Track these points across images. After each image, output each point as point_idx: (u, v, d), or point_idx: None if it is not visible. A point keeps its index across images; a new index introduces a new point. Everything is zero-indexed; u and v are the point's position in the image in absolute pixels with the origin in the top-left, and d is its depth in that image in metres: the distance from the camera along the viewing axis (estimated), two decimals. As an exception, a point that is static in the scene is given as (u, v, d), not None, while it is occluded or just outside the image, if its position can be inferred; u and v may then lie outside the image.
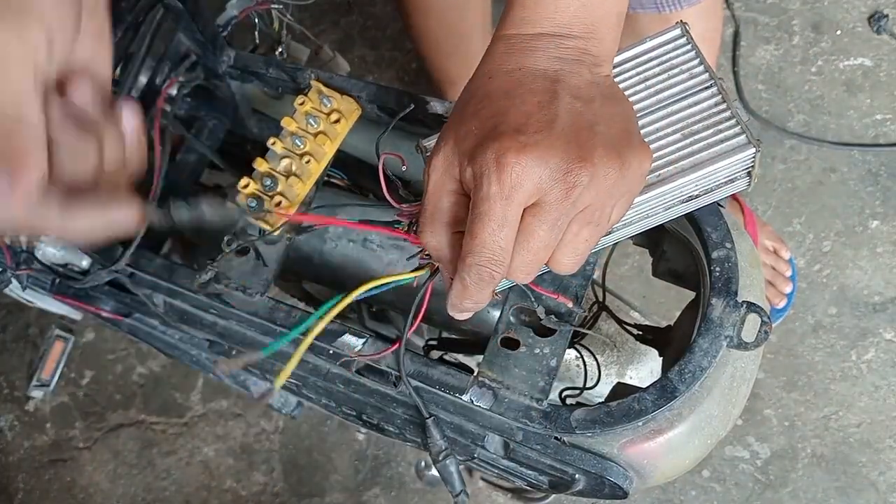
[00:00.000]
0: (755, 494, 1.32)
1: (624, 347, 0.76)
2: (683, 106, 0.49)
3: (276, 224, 0.59)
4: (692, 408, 0.55)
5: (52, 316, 1.59)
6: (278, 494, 1.48)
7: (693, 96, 0.49)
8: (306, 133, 0.60)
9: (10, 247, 0.70)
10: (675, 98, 0.49)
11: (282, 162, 0.60)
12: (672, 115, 0.49)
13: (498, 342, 0.56)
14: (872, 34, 1.50)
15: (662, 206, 0.50)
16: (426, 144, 0.51)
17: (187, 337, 0.75)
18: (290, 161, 0.60)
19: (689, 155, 0.47)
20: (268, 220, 0.60)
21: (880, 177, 1.43)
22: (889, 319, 1.35)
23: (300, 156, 0.60)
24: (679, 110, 0.49)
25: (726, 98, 0.48)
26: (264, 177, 0.60)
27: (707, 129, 0.48)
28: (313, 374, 0.65)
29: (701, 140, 0.47)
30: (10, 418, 1.62)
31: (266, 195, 0.60)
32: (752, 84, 1.52)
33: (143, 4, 0.57)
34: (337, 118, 0.62)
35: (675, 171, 0.47)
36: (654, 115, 0.49)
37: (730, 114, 0.47)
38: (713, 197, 0.50)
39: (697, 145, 0.47)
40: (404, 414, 0.62)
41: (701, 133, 0.48)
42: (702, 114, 0.48)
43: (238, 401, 1.54)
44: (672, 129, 0.48)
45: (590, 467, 0.56)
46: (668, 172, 0.47)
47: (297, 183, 0.60)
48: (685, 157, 0.47)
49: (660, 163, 0.48)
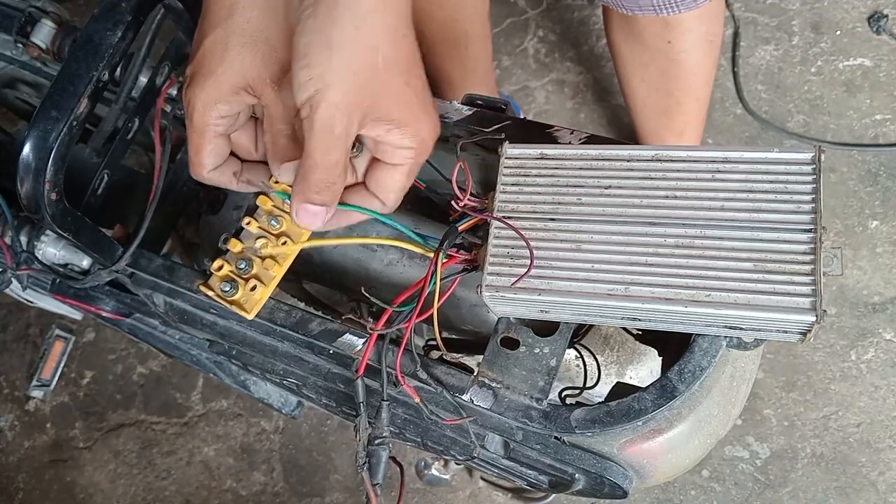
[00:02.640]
0: (755, 494, 1.32)
1: (623, 347, 0.76)
2: (772, 237, 0.46)
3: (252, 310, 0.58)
4: (692, 407, 0.55)
5: (53, 316, 1.59)
6: (278, 494, 1.49)
7: (787, 233, 0.46)
8: (283, 212, 0.58)
9: (11, 247, 0.70)
10: (767, 224, 0.46)
11: (257, 242, 0.57)
12: (755, 241, 0.46)
13: (498, 342, 0.56)
14: (872, 34, 1.50)
15: (703, 322, 0.48)
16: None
17: (187, 337, 0.75)
18: (266, 241, 0.57)
19: (750, 291, 0.45)
20: (245, 307, 0.58)
21: (880, 177, 1.43)
22: (889, 319, 1.36)
23: (276, 236, 0.57)
24: (765, 240, 0.46)
25: (817, 252, 0.44)
26: (238, 259, 0.57)
27: (780, 274, 0.45)
28: (313, 373, 0.65)
29: (769, 282, 0.45)
30: (10, 418, 1.62)
31: (241, 278, 0.57)
32: (752, 84, 1.52)
33: (143, 4, 0.57)
34: None
35: (728, 301, 0.45)
36: (737, 232, 0.46)
37: (811, 269, 0.44)
38: (759, 336, 0.48)
39: (762, 285, 0.45)
40: (404, 414, 0.62)
41: (773, 275, 0.45)
42: (785, 255, 0.45)
43: (238, 401, 1.54)
44: (747, 255, 0.46)
45: (589, 467, 0.56)
46: (720, 297, 0.45)
47: (272, 266, 0.57)
48: (745, 290, 0.45)
49: (716, 283, 0.45)
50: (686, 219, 0.48)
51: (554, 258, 0.50)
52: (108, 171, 0.66)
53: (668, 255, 0.48)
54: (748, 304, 0.45)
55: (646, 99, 1.24)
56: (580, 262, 0.50)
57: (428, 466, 1.25)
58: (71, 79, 0.55)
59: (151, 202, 0.66)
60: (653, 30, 1.06)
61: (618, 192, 0.51)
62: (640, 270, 0.48)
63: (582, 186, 0.52)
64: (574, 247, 0.50)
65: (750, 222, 0.47)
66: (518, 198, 0.53)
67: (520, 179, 0.53)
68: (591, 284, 0.49)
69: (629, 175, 0.51)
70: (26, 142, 0.55)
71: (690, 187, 0.49)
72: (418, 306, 0.53)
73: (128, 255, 0.66)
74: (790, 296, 0.44)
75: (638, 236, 0.49)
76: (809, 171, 0.47)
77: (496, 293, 0.51)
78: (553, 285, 0.50)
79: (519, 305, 0.52)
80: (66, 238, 0.61)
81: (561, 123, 0.92)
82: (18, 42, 0.70)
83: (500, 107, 0.63)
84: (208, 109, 0.51)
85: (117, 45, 0.56)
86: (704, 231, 0.48)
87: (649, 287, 0.47)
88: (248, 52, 0.50)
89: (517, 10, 1.68)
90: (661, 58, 1.11)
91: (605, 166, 0.52)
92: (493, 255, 0.52)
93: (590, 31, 1.63)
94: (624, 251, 0.49)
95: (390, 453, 0.57)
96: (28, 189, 0.56)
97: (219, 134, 0.53)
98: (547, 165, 0.53)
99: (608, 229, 0.50)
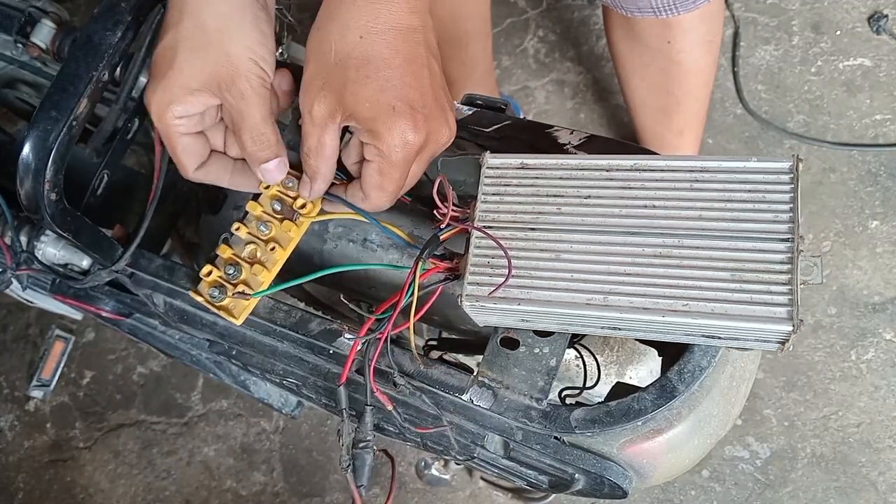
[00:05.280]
0: (755, 494, 1.32)
1: (623, 347, 0.76)
2: (749, 247, 0.45)
3: (241, 316, 0.58)
4: (692, 407, 0.55)
5: (52, 316, 1.59)
6: (278, 494, 1.49)
7: (764, 242, 0.45)
8: (272, 218, 0.58)
9: (11, 247, 0.70)
10: (745, 234, 0.46)
11: (246, 248, 0.58)
12: (732, 251, 0.46)
13: (497, 342, 0.56)
14: (872, 34, 1.50)
15: (682, 331, 0.48)
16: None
17: (187, 337, 0.75)
18: (255, 247, 0.58)
19: (727, 301, 0.45)
20: (232, 313, 0.58)
21: (880, 177, 1.43)
22: (889, 319, 1.36)
23: (265, 242, 0.58)
24: (743, 249, 0.45)
25: (794, 261, 0.44)
26: (227, 264, 0.58)
27: (757, 284, 0.44)
28: (313, 373, 0.65)
29: (746, 291, 0.44)
30: (10, 418, 1.62)
31: (229, 283, 0.58)
32: (752, 84, 1.52)
33: (143, 4, 0.57)
34: (302, 203, 0.59)
35: (705, 311, 0.45)
36: (715, 241, 0.46)
37: (788, 279, 0.44)
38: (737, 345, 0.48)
39: (739, 294, 0.44)
40: (404, 413, 0.62)
41: (750, 284, 0.44)
42: (762, 264, 0.45)
43: (238, 401, 1.55)
44: (723, 265, 0.45)
45: (589, 467, 0.56)
46: (697, 307, 0.45)
47: (261, 271, 0.57)
48: (722, 300, 0.45)
49: (694, 293, 0.45)
50: (664, 228, 0.48)
51: (533, 268, 0.50)
52: (108, 171, 0.66)
53: (646, 264, 0.48)
54: (725, 313, 0.44)
55: (645, 99, 1.24)
56: (559, 271, 0.50)
57: (428, 466, 1.25)
58: (71, 79, 0.55)
59: (151, 202, 0.66)
60: (652, 30, 1.07)
61: (597, 202, 0.51)
62: (619, 280, 0.48)
63: (562, 196, 0.52)
64: (554, 256, 0.50)
65: (728, 231, 0.46)
66: (499, 207, 0.53)
67: (500, 189, 0.53)
68: (570, 294, 0.49)
69: (609, 185, 0.51)
70: (26, 142, 0.55)
71: (669, 196, 0.49)
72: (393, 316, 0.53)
73: (128, 255, 0.66)
74: (767, 305, 0.44)
75: (617, 246, 0.49)
76: (787, 181, 0.47)
77: (476, 303, 0.51)
78: (532, 294, 0.50)
79: (499, 315, 0.52)
80: (66, 238, 0.61)
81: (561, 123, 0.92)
82: (18, 42, 0.70)
83: (500, 107, 0.63)
84: (163, 112, 0.53)
85: (117, 45, 0.56)
86: (682, 241, 0.48)
87: (628, 297, 0.47)
88: (196, 57, 0.52)
89: (517, 10, 1.68)
90: (661, 58, 1.11)
91: (585, 176, 0.52)
92: (474, 264, 0.52)
93: (590, 31, 1.63)
94: (603, 261, 0.49)
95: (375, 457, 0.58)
96: (28, 189, 0.56)
97: (183, 134, 0.55)
98: (527, 175, 0.53)
99: (588, 239, 0.50)
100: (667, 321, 0.46)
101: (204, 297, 0.59)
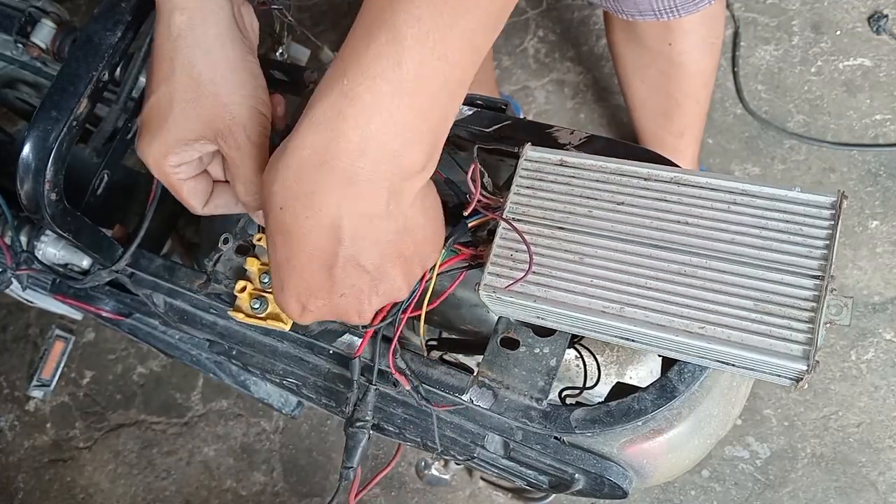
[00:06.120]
0: (755, 494, 1.32)
1: (623, 347, 0.76)
2: (776, 279, 0.44)
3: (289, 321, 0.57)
4: (692, 407, 0.55)
5: (53, 316, 1.59)
6: (278, 494, 1.49)
7: (793, 276, 0.44)
8: None
9: (11, 247, 0.70)
10: (775, 265, 0.45)
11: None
12: (758, 280, 0.45)
13: (498, 342, 0.56)
14: (872, 34, 1.50)
15: (695, 353, 0.47)
16: None
17: (187, 337, 0.75)
18: None
19: (745, 330, 0.44)
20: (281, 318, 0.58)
21: (880, 177, 1.43)
22: (889, 319, 1.36)
23: None
24: (770, 280, 0.44)
25: (821, 301, 0.43)
26: (261, 274, 0.58)
27: (779, 317, 0.43)
28: (313, 373, 0.65)
29: (766, 323, 0.43)
30: (10, 418, 1.62)
31: (268, 292, 0.58)
32: (752, 84, 1.52)
33: (143, 4, 0.57)
34: None
35: (721, 336, 0.44)
36: (743, 267, 0.45)
37: (810, 317, 0.43)
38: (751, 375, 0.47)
39: (759, 325, 0.44)
40: (404, 413, 0.62)
41: (771, 317, 0.44)
42: (787, 298, 0.44)
43: (238, 401, 1.55)
44: (747, 293, 0.45)
45: (589, 467, 0.56)
46: (713, 332, 0.44)
47: None
48: (740, 328, 0.44)
49: (713, 317, 0.44)
50: (694, 247, 0.48)
51: (555, 267, 0.50)
52: (108, 171, 0.66)
53: (668, 280, 0.47)
54: (741, 342, 0.44)
55: (646, 100, 1.24)
56: (580, 275, 0.49)
57: (428, 466, 1.24)
58: (71, 79, 0.55)
59: (151, 202, 0.66)
60: (653, 32, 1.07)
61: (630, 210, 0.50)
62: (639, 292, 0.48)
63: (596, 199, 0.51)
64: (577, 259, 0.50)
65: (758, 260, 0.46)
66: (531, 202, 0.53)
67: (535, 183, 0.53)
68: (588, 299, 0.48)
69: (644, 194, 0.50)
70: (26, 142, 0.55)
71: (704, 215, 0.48)
72: (416, 295, 0.53)
73: (128, 255, 0.66)
74: (784, 341, 0.43)
75: (642, 257, 0.48)
76: (827, 216, 0.45)
77: (493, 293, 0.51)
78: (549, 294, 0.49)
79: (515, 309, 0.52)
80: (66, 238, 0.61)
81: (561, 123, 0.92)
82: (18, 42, 0.71)
83: (500, 107, 0.63)
84: (160, 163, 0.53)
85: (117, 45, 0.56)
86: (710, 262, 0.47)
87: (644, 311, 0.47)
88: (192, 109, 0.52)
89: (517, 10, 1.68)
90: (662, 60, 1.11)
91: (622, 181, 0.51)
92: (497, 255, 0.52)
93: (590, 31, 1.63)
94: (626, 270, 0.48)
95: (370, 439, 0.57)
96: (28, 189, 0.56)
97: (184, 179, 0.55)
98: (564, 173, 0.53)
99: (614, 246, 0.49)
100: (680, 341, 0.45)
101: (245, 311, 0.58)
